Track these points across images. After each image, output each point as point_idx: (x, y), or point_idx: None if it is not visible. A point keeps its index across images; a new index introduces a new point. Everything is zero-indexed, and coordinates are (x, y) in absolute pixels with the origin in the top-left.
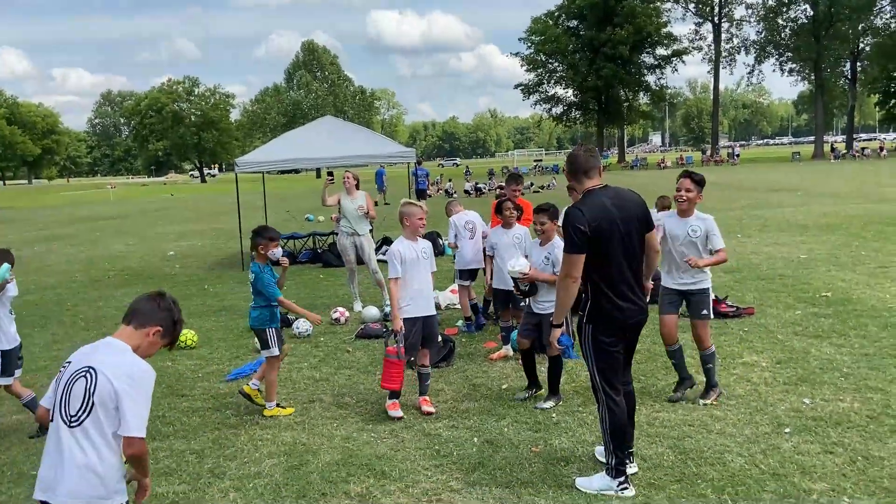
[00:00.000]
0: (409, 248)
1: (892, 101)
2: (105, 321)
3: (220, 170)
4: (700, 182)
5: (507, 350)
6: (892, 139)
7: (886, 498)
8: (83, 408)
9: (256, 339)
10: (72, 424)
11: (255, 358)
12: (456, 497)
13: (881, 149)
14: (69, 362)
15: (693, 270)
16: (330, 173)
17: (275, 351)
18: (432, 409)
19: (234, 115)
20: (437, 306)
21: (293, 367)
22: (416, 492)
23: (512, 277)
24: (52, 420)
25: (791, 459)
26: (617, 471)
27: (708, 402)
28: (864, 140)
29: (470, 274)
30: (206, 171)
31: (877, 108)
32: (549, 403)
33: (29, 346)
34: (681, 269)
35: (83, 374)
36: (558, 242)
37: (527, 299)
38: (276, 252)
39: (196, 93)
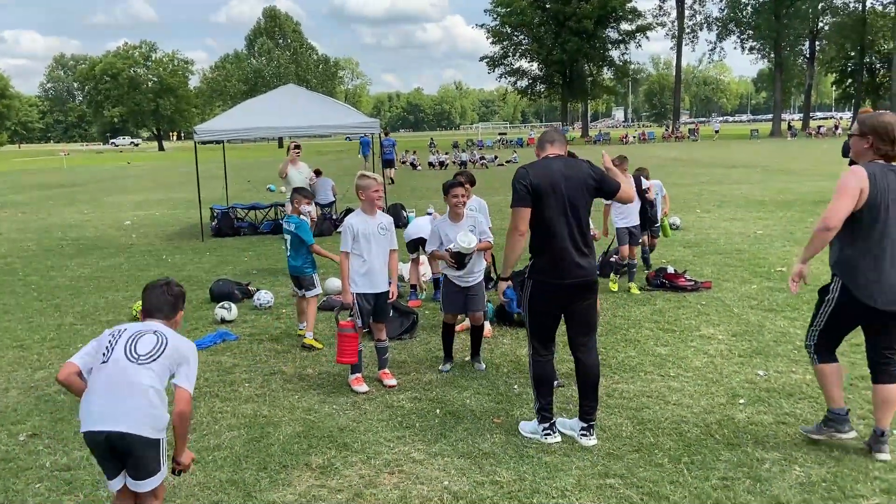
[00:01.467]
0: (365, 222)
1: (849, 81)
2: (58, 291)
3: (179, 138)
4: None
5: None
6: (847, 118)
7: (836, 467)
8: (153, 353)
9: (293, 284)
10: (140, 362)
11: (215, 329)
12: (418, 468)
13: (836, 127)
14: (123, 329)
15: None
16: (297, 146)
17: (319, 290)
18: (394, 382)
19: (193, 82)
20: (401, 278)
21: (254, 339)
22: (378, 463)
23: (458, 252)
24: (104, 363)
25: (745, 429)
26: (542, 416)
27: None
28: (820, 119)
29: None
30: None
31: (833, 88)
32: (482, 366)
33: None
34: None
35: (151, 332)
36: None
37: (455, 271)
38: (307, 208)
39: (153, 58)
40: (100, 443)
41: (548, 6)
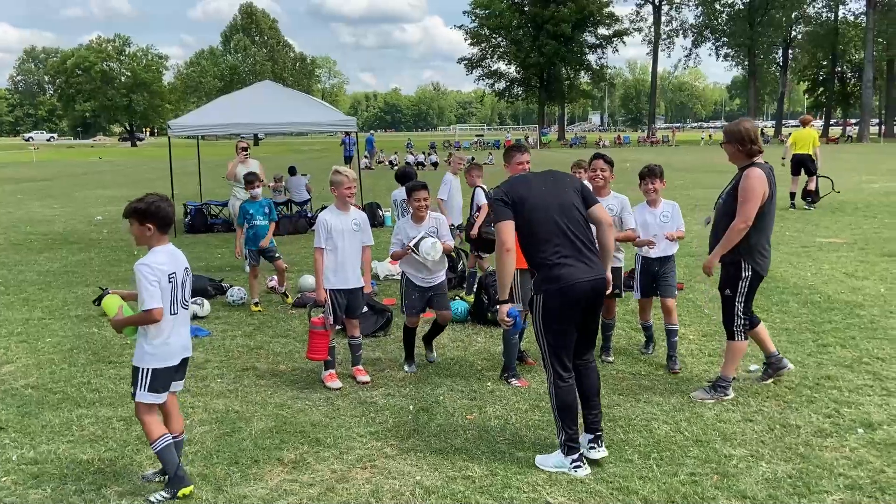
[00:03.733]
0: (338, 218)
1: (820, 89)
2: (27, 285)
3: (152, 134)
4: (611, 163)
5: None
6: (819, 126)
7: (801, 463)
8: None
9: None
10: (185, 306)
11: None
12: (390, 463)
13: (804, 124)
14: (174, 272)
15: None
16: (245, 147)
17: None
18: (367, 379)
19: (168, 78)
20: (376, 277)
21: (227, 335)
22: (351, 458)
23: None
24: (177, 307)
25: (713, 427)
26: (569, 448)
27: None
28: (793, 126)
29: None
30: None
31: (805, 95)
32: (434, 356)
33: None
34: None
35: (188, 273)
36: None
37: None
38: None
39: (127, 52)
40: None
41: (526, 9)
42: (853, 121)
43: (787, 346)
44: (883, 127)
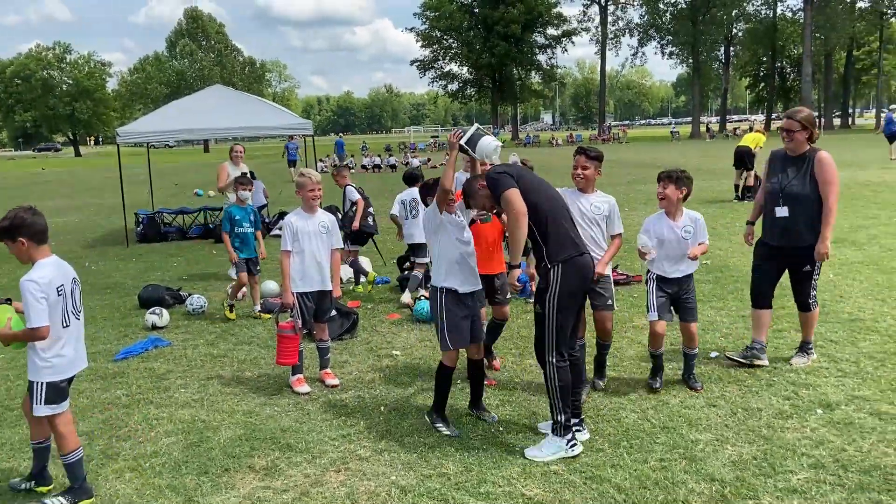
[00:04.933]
0: (304, 221)
1: (762, 85)
2: None
3: (97, 142)
4: (597, 158)
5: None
6: (761, 120)
7: (765, 445)
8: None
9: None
10: (77, 316)
11: (146, 336)
12: (364, 465)
13: (750, 129)
14: (62, 284)
15: None
16: (240, 153)
17: None
18: (336, 382)
19: (112, 85)
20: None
21: (188, 344)
22: (324, 462)
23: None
24: (68, 319)
25: (679, 413)
26: (566, 428)
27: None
28: (736, 121)
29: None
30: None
31: (747, 91)
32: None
33: None
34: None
35: (76, 283)
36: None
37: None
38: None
39: (68, 60)
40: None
41: (476, 11)
42: None
43: (745, 333)
44: (823, 119)
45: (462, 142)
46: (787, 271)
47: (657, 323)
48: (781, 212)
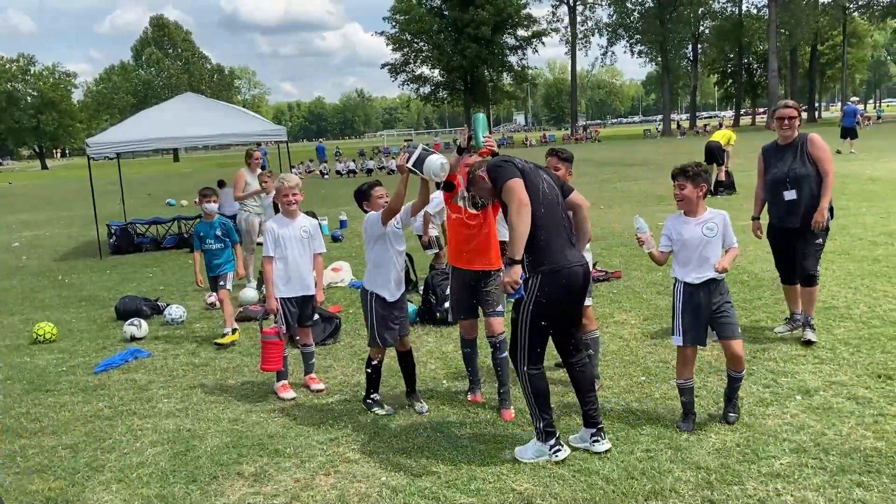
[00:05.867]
0: (286, 226)
1: (730, 81)
2: None
3: (63, 154)
4: (568, 159)
5: None
6: (729, 116)
7: (748, 432)
8: None
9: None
10: None
11: (126, 348)
12: (354, 467)
13: (720, 125)
14: None
15: None
16: (259, 158)
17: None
18: (322, 386)
19: (77, 96)
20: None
21: (168, 354)
22: (313, 465)
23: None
24: None
25: (663, 405)
26: (546, 433)
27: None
28: (706, 118)
29: None
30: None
31: (716, 88)
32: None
33: None
34: None
35: None
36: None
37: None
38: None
39: (32, 72)
40: None
41: (446, 13)
42: (761, 110)
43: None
44: None
45: (409, 164)
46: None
47: (685, 348)
48: (790, 195)
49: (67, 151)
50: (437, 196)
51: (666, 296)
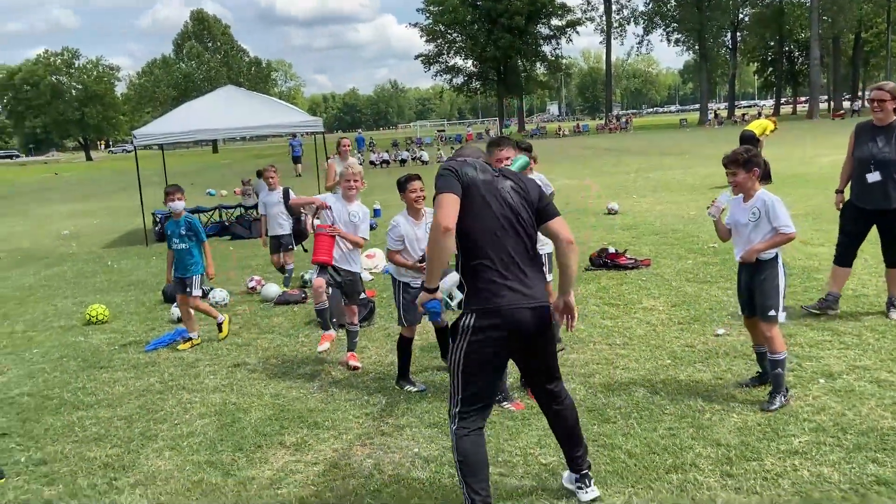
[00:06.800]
0: (341, 210)
1: (770, 70)
2: (4, 301)
3: (108, 146)
4: (528, 149)
5: None
6: (769, 105)
7: (768, 413)
8: None
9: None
10: None
11: (173, 328)
12: (388, 439)
13: (759, 114)
14: None
15: None
16: (347, 146)
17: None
18: (359, 365)
19: (120, 89)
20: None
21: (213, 334)
22: (350, 437)
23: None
24: None
25: (687, 387)
26: None
27: None
28: (744, 107)
29: None
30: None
31: (755, 76)
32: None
33: None
34: None
35: None
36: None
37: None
38: (179, 204)
39: (76, 65)
40: None
41: (479, 3)
42: (802, 99)
43: None
44: (832, 103)
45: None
46: (876, 232)
47: (744, 319)
48: (873, 177)
49: (111, 143)
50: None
51: (696, 283)
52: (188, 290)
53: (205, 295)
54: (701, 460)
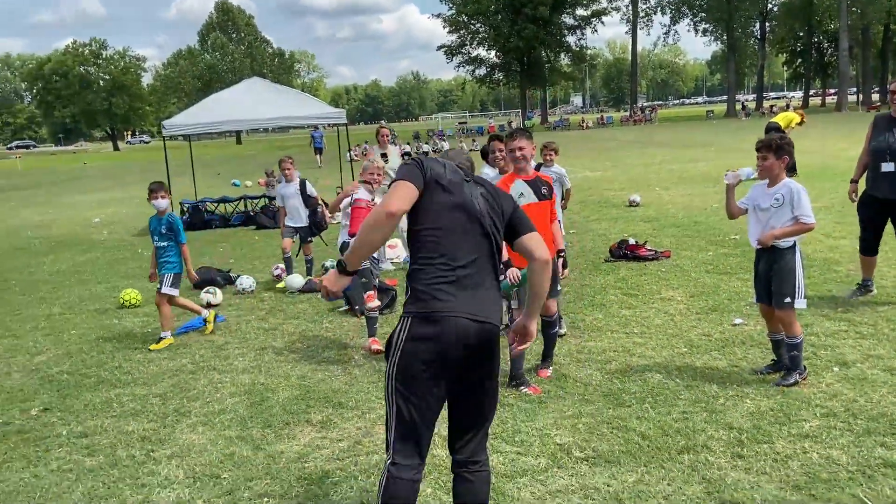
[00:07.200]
0: (369, 200)
1: (799, 61)
2: (40, 285)
3: (133, 135)
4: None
5: None
6: (798, 97)
7: (782, 398)
8: None
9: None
10: None
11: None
12: None
13: (787, 106)
14: None
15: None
16: (384, 154)
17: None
18: (381, 348)
19: (146, 80)
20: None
21: (241, 319)
22: (372, 417)
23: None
24: None
25: (702, 374)
26: None
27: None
28: (773, 98)
29: None
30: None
31: (784, 67)
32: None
33: None
34: None
35: None
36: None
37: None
38: (162, 203)
39: (104, 56)
40: None
41: None
42: (832, 91)
43: None
44: (861, 95)
45: None
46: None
47: (759, 306)
48: (888, 167)
49: (137, 133)
50: None
51: (715, 274)
52: (158, 285)
53: (232, 282)
54: (713, 442)
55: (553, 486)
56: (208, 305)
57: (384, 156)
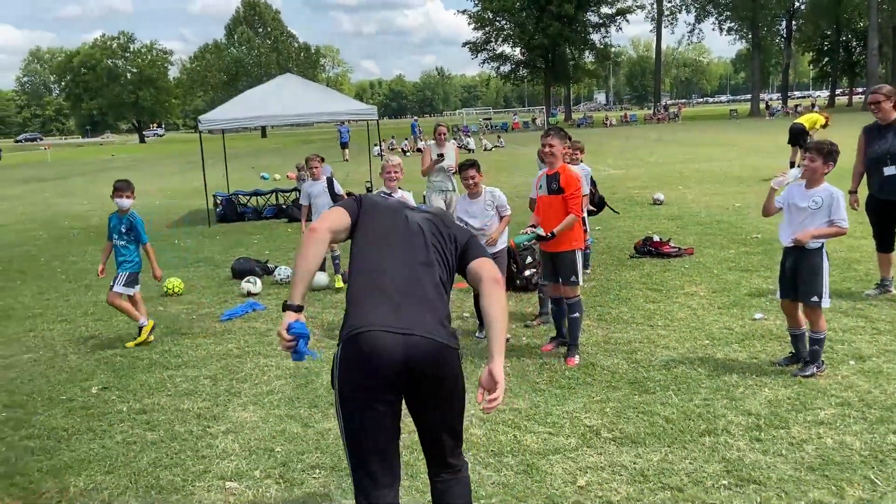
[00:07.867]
0: (384, 198)
1: (825, 60)
2: (85, 274)
3: (149, 129)
4: (567, 137)
5: None
6: (824, 96)
7: (799, 388)
8: None
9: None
10: None
11: (245, 301)
12: None
13: (813, 105)
14: None
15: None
16: (440, 154)
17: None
18: None
19: (173, 73)
20: None
21: (281, 308)
22: None
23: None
24: None
25: (723, 364)
26: None
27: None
28: (798, 98)
29: None
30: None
31: (810, 66)
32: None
33: (19, 298)
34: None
35: None
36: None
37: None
38: (125, 202)
39: (132, 49)
40: None
41: None
42: (860, 90)
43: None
44: None
45: None
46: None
47: (781, 302)
48: (890, 170)
49: (163, 126)
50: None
51: (737, 271)
52: (111, 283)
53: (270, 272)
54: (732, 427)
55: (583, 462)
56: (248, 294)
57: (441, 156)
